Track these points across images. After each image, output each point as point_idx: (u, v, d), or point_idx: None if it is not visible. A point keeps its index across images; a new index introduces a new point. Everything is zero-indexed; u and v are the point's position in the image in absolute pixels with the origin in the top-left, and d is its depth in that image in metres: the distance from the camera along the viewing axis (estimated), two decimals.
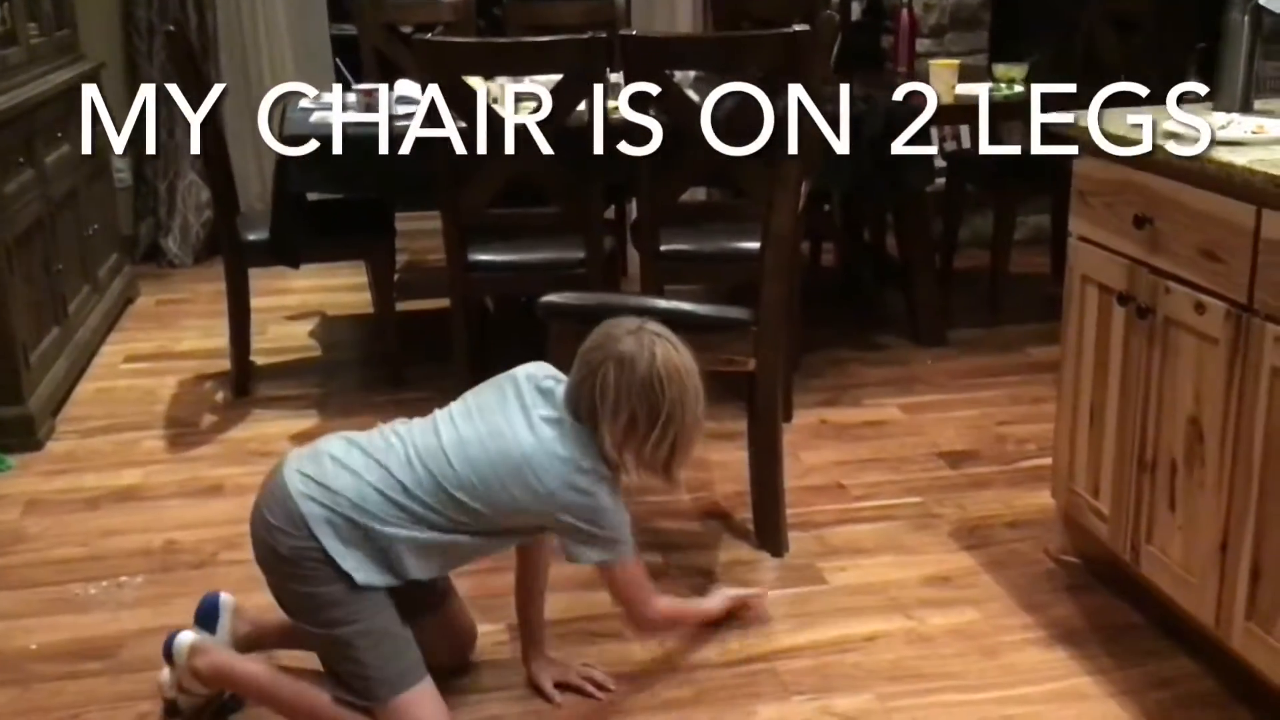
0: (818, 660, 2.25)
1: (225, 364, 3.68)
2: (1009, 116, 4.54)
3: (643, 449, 1.97)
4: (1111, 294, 2.30)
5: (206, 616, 2.23)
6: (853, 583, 2.52)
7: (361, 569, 1.94)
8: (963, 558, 2.62)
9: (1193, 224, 2.06)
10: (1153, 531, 2.24)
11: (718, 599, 2.35)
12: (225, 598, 2.26)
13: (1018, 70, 3.93)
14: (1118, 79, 4.12)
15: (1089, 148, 2.36)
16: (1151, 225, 2.16)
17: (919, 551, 2.65)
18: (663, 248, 3.28)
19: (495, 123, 3.12)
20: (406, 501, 1.94)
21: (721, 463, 3.09)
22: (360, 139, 3.31)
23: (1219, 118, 2.20)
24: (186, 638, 2.11)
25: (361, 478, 1.95)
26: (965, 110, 3.89)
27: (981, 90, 3.83)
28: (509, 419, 1.98)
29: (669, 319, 2.54)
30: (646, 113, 3.12)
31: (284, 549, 1.96)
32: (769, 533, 2.64)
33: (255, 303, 3.67)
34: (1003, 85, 3.87)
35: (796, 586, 2.52)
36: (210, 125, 3.61)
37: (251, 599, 2.47)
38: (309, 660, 2.10)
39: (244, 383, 3.61)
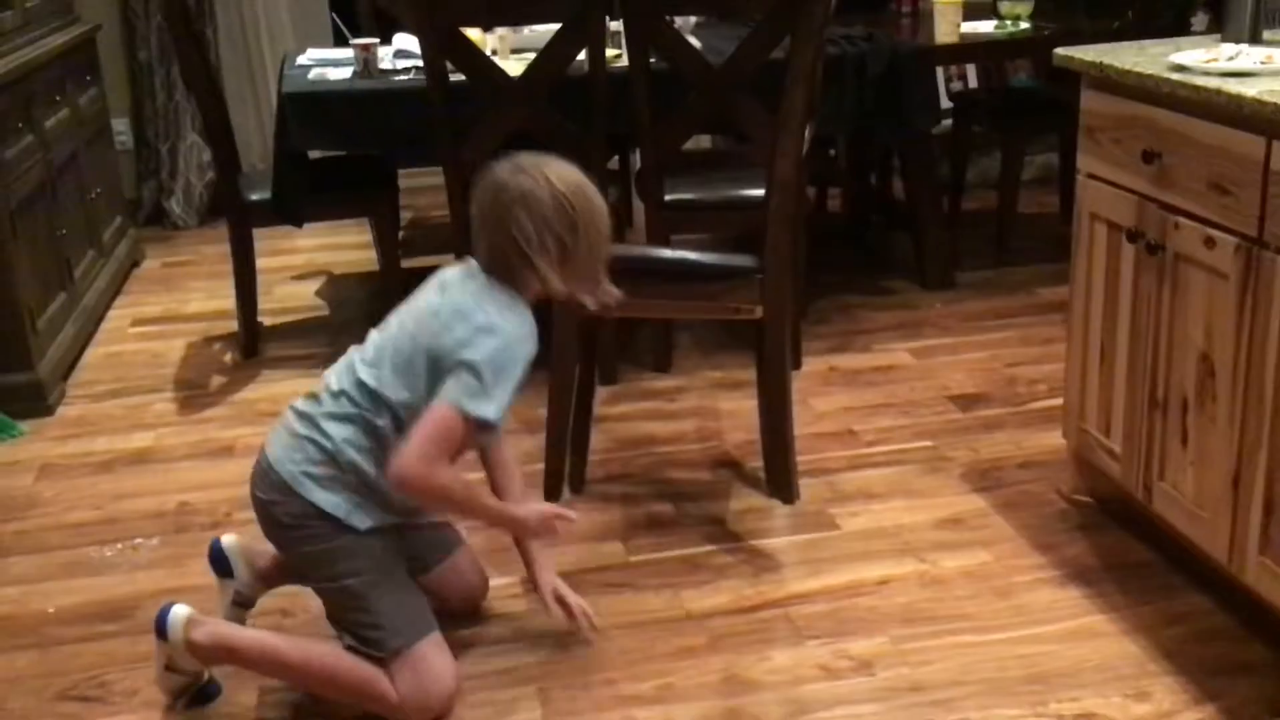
0: (831, 605, 2.26)
1: (233, 325, 3.69)
2: (1015, 54, 4.50)
3: (578, 266, 1.99)
4: (1120, 231, 2.27)
5: (219, 564, 2.25)
6: (865, 527, 2.53)
7: (355, 512, 1.96)
8: (974, 500, 2.61)
9: (1202, 157, 2.03)
10: (1165, 468, 2.23)
11: (525, 510, 2.09)
12: (228, 539, 2.27)
13: (1023, 7, 3.87)
14: (1125, 12, 4.09)
15: (1096, 83, 2.32)
16: (1160, 160, 2.13)
17: (930, 495, 2.65)
18: (667, 197, 3.25)
19: (496, 75, 3.09)
20: (351, 410, 1.94)
21: (731, 412, 3.08)
22: (359, 94, 3.29)
23: (1228, 49, 2.16)
24: (181, 611, 2.04)
25: (316, 417, 1.97)
26: (970, 48, 3.84)
27: (988, 27, 3.78)
28: (425, 296, 2.01)
29: (675, 270, 2.54)
30: (647, 61, 3.08)
31: (284, 518, 1.99)
32: (780, 480, 2.64)
33: (261, 263, 3.66)
34: (1008, 22, 3.82)
35: (808, 532, 2.52)
36: (209, 85, 3.59)
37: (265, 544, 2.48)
38: (319, 624, 2.11)
39: (252, 343, 3.61)
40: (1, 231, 3.10)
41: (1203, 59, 2.11)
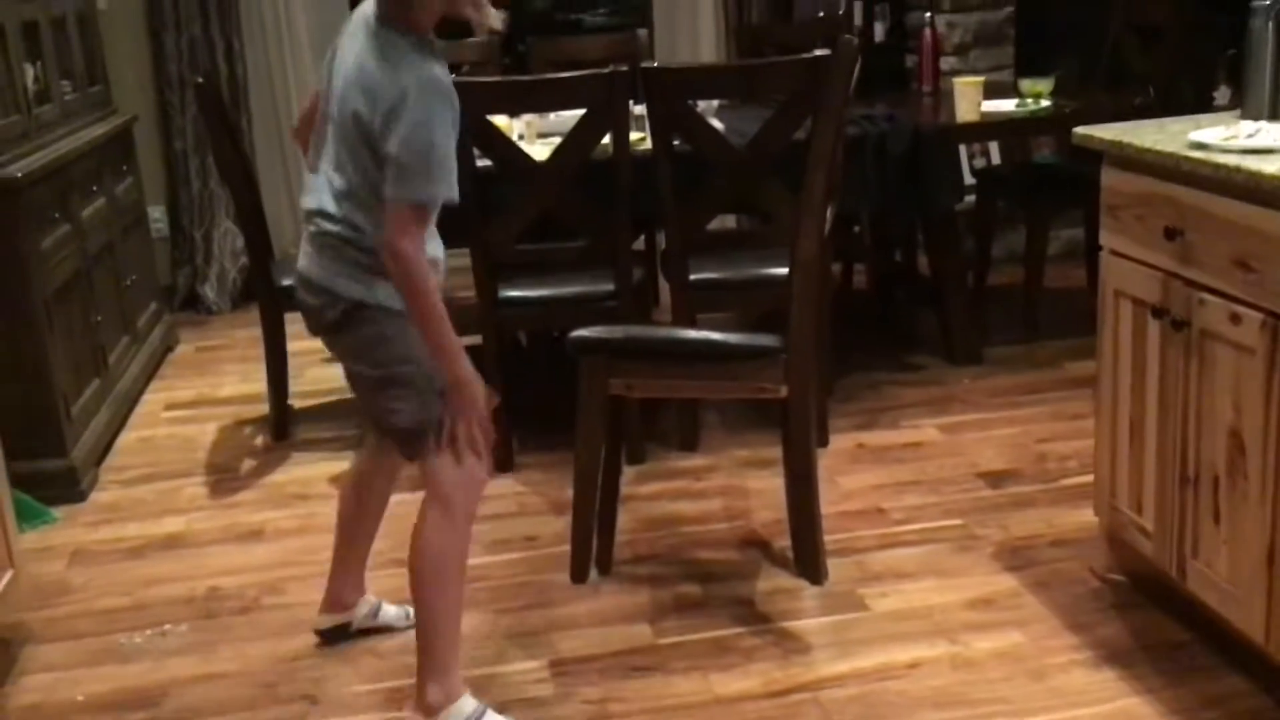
0: (862, 689, 2.23)
1: (264, 408, 3.72)
2: (1037, 131, 4.53)
3: None
4: (1146, 307, 2.27)
5: (335, 634, 2.47)
6: (895, 608, 2.50)
7: (385, 290, 2.04)
8: (1006, 579, 2.58)
9: (1224, 234, 2.03)
10: (1198, 546, 2.20)
11: (469, 369, 2.06)
12: (323, 623, 2.48)
13: (1044, 84, 3.90)
14: (1146, 89, 4.11)
15: (1116, 161, 2.34)
16: (1183, 237, 2.14)
17: (962, 574, 2.62)
18: (692, 277, 3.27)
19: (522, 159, 3.14)
20: (347, 209, 2.05)
21: (759, 490, 3.07)
22: None
23: (1247, 126, 2.17)
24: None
25: (326, 229, 2.08)
26: (991, 127, 3.87)
27: (1009, 105, 3.81)
28: (342, 75, 2.05)
29: (699, 350, 2.56)
30: (670, 144, 3.13)
31: (333, 316, 2.10)
32: (808, 560, 2.62)
33: (292, 346, 3.70)
34: (1029, 100, 3.85)
35: (838, 614, 2.50)
36: (243, 174, 3.66)
37: (294, 641, 2.49)
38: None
39: (283, 426, 3.64)
40: (37, 320, 3.16)
41: (1222, 136, 2.12)
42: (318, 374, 4.18)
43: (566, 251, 3.31)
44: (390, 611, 2.52)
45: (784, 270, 2.95)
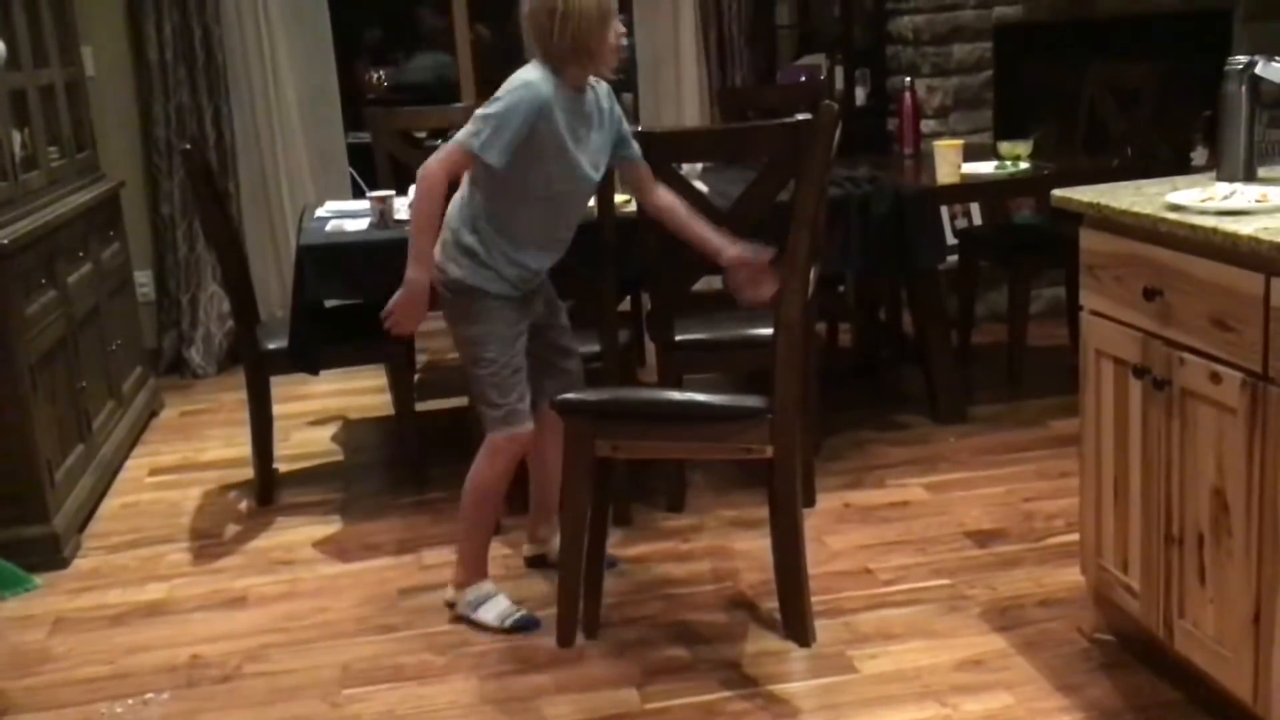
0: None
1: (249, 473, 3.70)
2: (1016, 193, 4.59)
3: (571, 41, 2.52)
4: (1127, 367, 2.29)
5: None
6: (884, 670, 2.49)
7: (481, 278, 2.62)
8: (995, 640, 2.58)
9: (1202, 294, 2.05)
10: (1184, 606, 2.20)
11: (418, 276, 2.61)
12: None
13: (1022, 146, 3.96)
14: (1123, 151, 4.18)
15: (1095, 222, 2.37)
16: (1162, 297, 2.16)
17: (950, 635, 2.61)
18: (678, 338, 3.29)
19: None
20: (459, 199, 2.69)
21: (746, 551, 3.06)
22: (374, 245, 3.36)
23: (1223, 188, 2.21)
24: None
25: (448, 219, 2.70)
26: (971, 188, 3.92)
27: (988, 168, 3.86)
28: None
29: (684, 411, 2.56)
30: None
31: (443, 292, 2.67)
32: (795, 622, 2.61)
33: (277, 409, 3.70)
34: (1008, 162, 3.91)
35: (826, 676, 2.48)
36: (229, 239, 3.68)
37: (276, 710, 2.47)
38: None
39: (267, 491, 3.63)
40: (22, 386, 3.15)
41: (1198, 198, 2.15)
42: (303, 437, 4.18)
43: None
44: None
45: (766, 330, 2.97)
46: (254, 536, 3.38)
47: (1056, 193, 2.46)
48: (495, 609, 2.76)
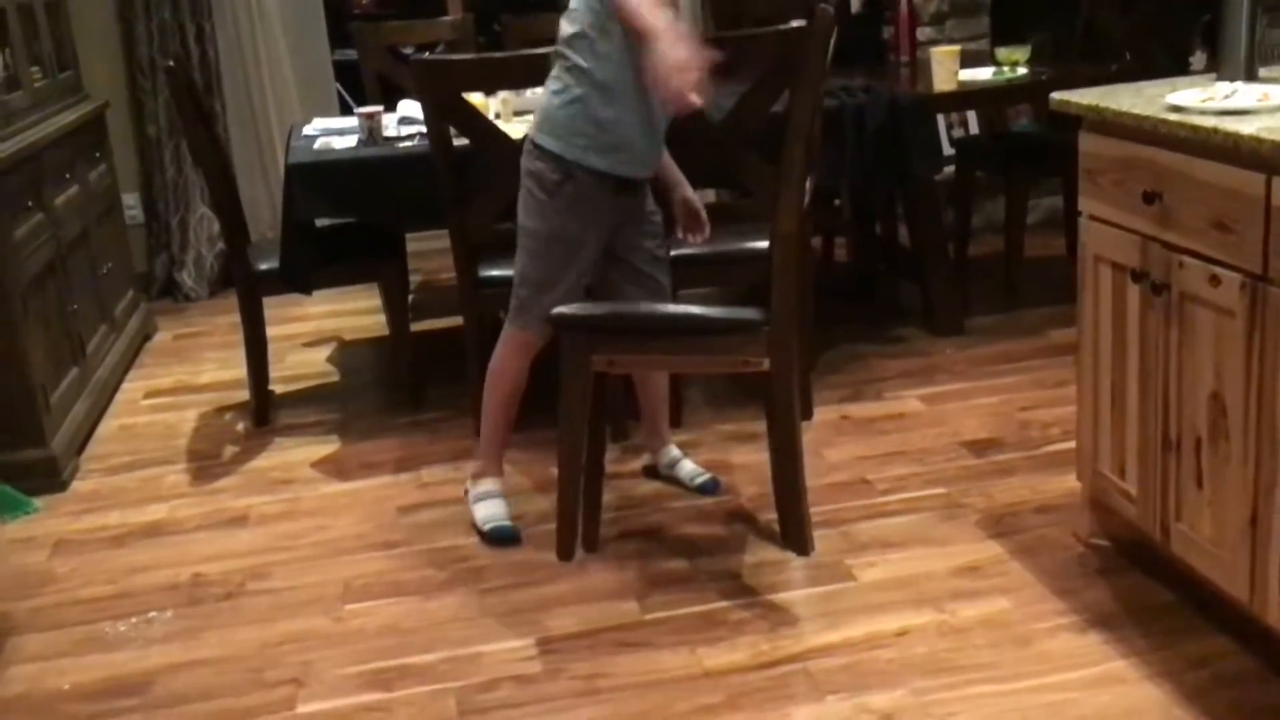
0: (850, 658, 2.23)
1: (245, 394, 3.70)
2: (1014, 100, 4.53)
3: None
4: (1125, 272, 2.27)
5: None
6: (882, 578, 2.51)
7: (554, 138, 2.55)
8: (991, 546, 2.59)
9: (1202, 196, 2.03)
10: (1181, 510, 2.21)
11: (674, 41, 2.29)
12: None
13: (1020, 53, 3.90)
14: (1121, 56, 4.12)
15: (1094, 125, 2.33)
16: (1161, 200, 2.14)
17: (947, 543, 2.62)
18: (673, 253, 3.26)
19: (499, 138, 3.12)
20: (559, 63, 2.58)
21: (743, 465, 3.07)
22: (364, 162, 3.32)
23: (1223, 87, 2.17)
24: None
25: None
26: (969, 95, 3.86)
27: (986, 74, 3.81)
28: None
29: (681, 324, 2.55)
30: None
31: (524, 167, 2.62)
32: (794, 532, 2.62)
33: (271, 331, 3.68)
34: (1005, 68, 3.85)
35: (825, 585, 2.50)
36: (217, 159, 3.63)
37: (280, 626, 2.49)
38: None
39: (264, 412, 3.62)
40: (13, 311, 3.13)
41: (1199, 99, 2.12)
42: (298, 359, 4.17)
43: None
44: (687, 467, 2.98)
45: (765, 244, 2.95)
46: (252, 457, 3.39)
47: (1056, 95, 2.42)
48: (485, 509, 2.79)
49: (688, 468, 2.98)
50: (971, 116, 5.07)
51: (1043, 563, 2.51)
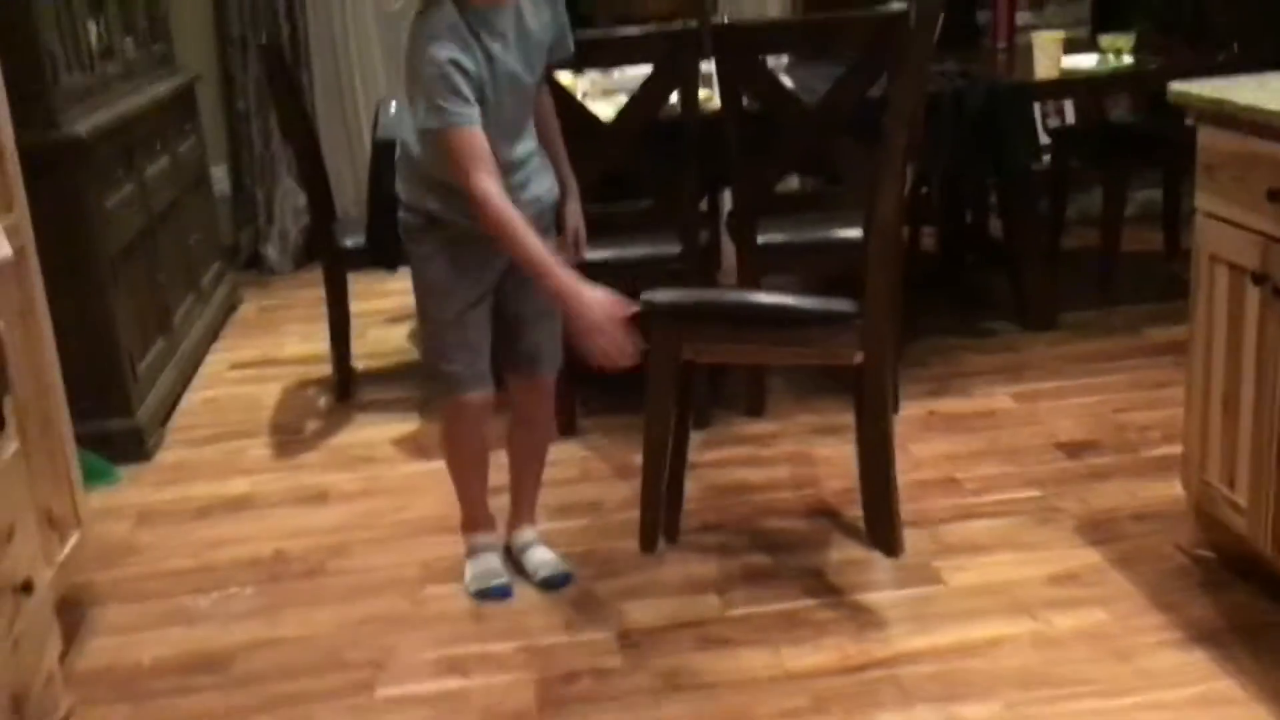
0: (940, 666, 2.16)
1: (327, 369, 3.70)
2: (1120, 89, 4.38)
3: None
4: (1244, 273, 2.17)
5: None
6: (972, 583, 2.43)
7: (406, 190, 2.28)
8: (1088, 554, 2.50)
9: None
10: None
11: (571, 279, 2.11)
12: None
13: (1124, 40, 3.76)
14: (1229, 45, 3.95)
15: (1214, 119, 2.23)
16: None
17: (1041, 548, 2.54)
18: (759, 239, 3.20)
19: (588, 118, 3.07)
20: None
21: (827, 458, 3.01)
22: None
23: None
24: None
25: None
26: (1072, 84, 3.73)
27: (1089, 62, 3.67)
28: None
29: (773, 315, 2.48)
30: (739, 103, 3.05)
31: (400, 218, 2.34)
32: (882, 532, 2.55)
33: (354, 307, 3.68)
34: (1110, 56, 3.71)
35: (913, 587, 2.43)
36: (305, 134, 3.63)
37: (360, 606, 2.48)
38: None
39: (346, 387, 3.63)
40: (103, 279, 3.15)
41: None
42: (380, 335, 4.18)
43: (632, 213, 3.24)
44: (538, 556, 2.58)
45: (851, 233, 2.88)
46: (334, 433, 3.39)
47: (1174, 87, 2.31)
48: (473, 568, 2.53)
49: (538, 556, 2.55)
50: (1068, 105, 4.92)
51: (1143, 573, 2.41)
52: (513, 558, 2.60)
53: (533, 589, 2.51)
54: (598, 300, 2.10)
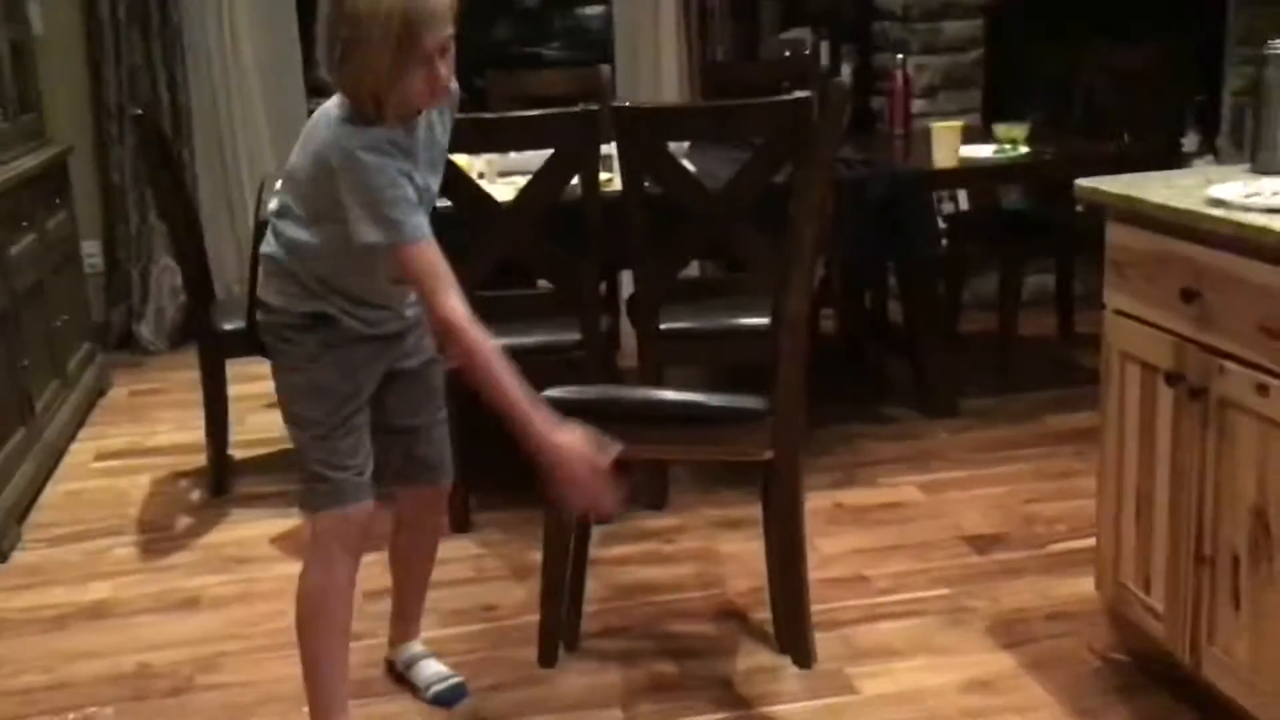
0: None
1: (202, 459, 3.48)
2: (1016, 179, 4.44)
3: (375, 62, 1.85)
4: (1157, 373, 2.13)
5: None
6: (886, 691, 2.33)
7: (283, 294, 2.05)
8: (1002, 658, 2.42)
9: (1250, 298, 1.89)
10: (1215, 631, 2.05)
11: (548, 425, 1.92)
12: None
13: (1019, 130, 3.79)
14: (1120, 136, 4.03)
15: (1123, 216, 2.20)
16: (1200, 299, 2.00)
17: (954, 652, 2.45)
18: (662, 325, 3.11)
19: (485, 201, 2.96)
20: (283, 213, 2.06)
21: (733, 555, 2.90)
22: None
23: (1269, 183, 2.04)
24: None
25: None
26: (971, 173, 3.75)
27: (985, 151, 3.69)
28: (315, 126, 2.00)
29: (680, 413, 2.38)
30: (641, 186, 2.98)
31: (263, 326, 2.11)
32: (793, 639, 2.43)
33: (233, 390, 3.47)
34: (1006, 146, 3.74)
35: (825, 697, 2.32)
36: (184, 212, 3.45)
37: None
38: None
39: (221, 480, 3.41)
40: None
41: (1242, 193, 1.99)
42: (261, 421, 3.95)
43: (531, 299, 3.13)
44: (428, 669, 2.41)
45: (757, 320, 2.80)
46: (207, 530, 3.17)
47: (1082, 184, 2.29)
48: None
49: (429, 670, 2.39)
50: (962, 192, 4.97)
51: (1058, 678, 2.34)
52: (397, 672, 2.42)
53: (422, 705, 2.33)
54: (579, 453, 1.92)
